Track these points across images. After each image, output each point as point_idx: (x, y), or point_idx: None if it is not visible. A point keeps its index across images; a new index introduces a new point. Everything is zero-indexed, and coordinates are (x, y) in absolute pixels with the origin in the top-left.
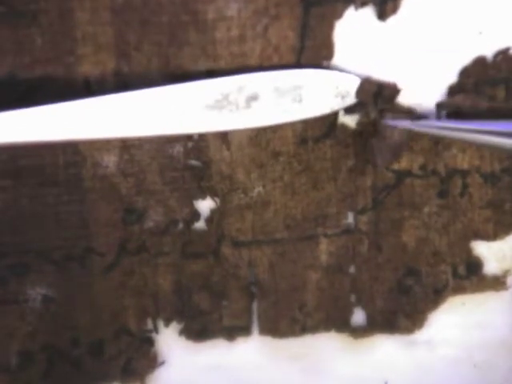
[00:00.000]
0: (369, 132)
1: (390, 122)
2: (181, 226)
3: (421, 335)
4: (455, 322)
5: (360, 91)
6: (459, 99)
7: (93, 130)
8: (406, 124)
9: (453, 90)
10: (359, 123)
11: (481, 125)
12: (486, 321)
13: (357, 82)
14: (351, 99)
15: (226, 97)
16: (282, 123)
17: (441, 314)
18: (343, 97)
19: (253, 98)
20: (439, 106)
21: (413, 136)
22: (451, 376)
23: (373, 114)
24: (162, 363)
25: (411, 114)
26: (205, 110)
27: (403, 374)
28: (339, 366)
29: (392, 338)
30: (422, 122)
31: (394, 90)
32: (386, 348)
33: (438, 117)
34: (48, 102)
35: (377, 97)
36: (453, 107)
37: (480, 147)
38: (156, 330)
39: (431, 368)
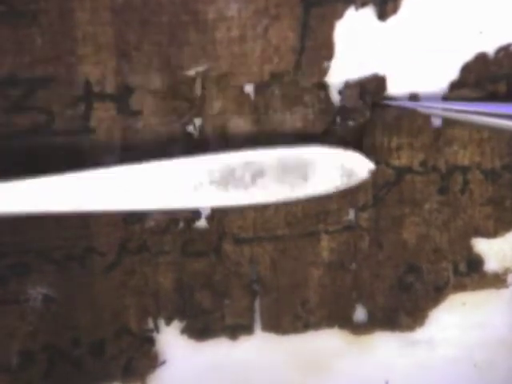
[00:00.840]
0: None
1: (391, 102)
2: (182, 224)
3: (421, 334)
4: (455, 322)
5: (345, 98)
6: (460, 95)
7: (96, 203)
8: (410, 105)
9: (454, 87)
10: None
11: (484, 106)
12: (486, 320)
13: (362, 161)
14: (356, 178)
15: (231, 172)
16: (287, 200)
17: (441, 313)
18: (349, 175)
19: (259, 174)
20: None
21: (413, 133)
22: (451, 375)
23: (367, 113)
24: (163, 363)
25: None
26: (210, 185)
27: (404, 373)
28: (341, 364)
29: (393, 337)
30: (426, 103)
31: (378, 81)
32: (386, 347)
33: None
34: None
35: (364, 95)
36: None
37: (483, 129)
38: (157, 329)
39: (431, 367)
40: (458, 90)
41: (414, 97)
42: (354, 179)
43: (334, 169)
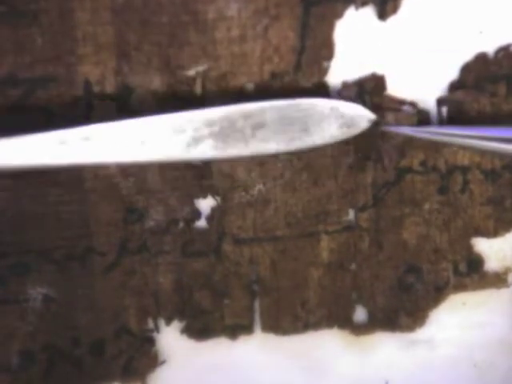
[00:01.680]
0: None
1: (391, 128)
2: (182, 224)
3: (421, 334)
4: (456, 322)
5: (343, 98)
6: (460, 95)
7: (94, 156)
8: (406, 130)
9: (454, 87)
10: None
11: (483, 130)
12: (486, 321)
13: (362, 111)
14: (357, 129)
15: (232, 124)
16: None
17: (441, 313)
18: (349, 126)
19: (259, 126)
20: (440, 101)
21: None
22: (451, 375)
23: None
24: (163, 362)
25: (403, 104)
26: (210, 138)
27: (404, 373)
28: (341, 364)
29: (393, 337)
30: (423, 129)
31: (377, 81)
32: (386, 347)
33: (439, 113)
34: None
35: (362, 95)
36: (453, 103)
37: (482, 153)
38: (157, 329)
39: (432, 367)
40: (458, 90)
41: (402, 102)
42: (355, 129)
43: (334, 119)
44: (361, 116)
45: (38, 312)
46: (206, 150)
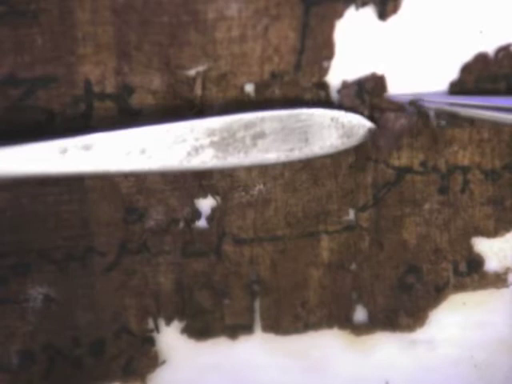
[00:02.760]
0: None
1: (398, 97)
2: (182, 224)
3: (421, 334)
4: (456, 322)
5: (342, 97)
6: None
7: (95, 165)
8: (415, 99)
9: (454, 87)
10: None
11: (488, 100)
12: (486, 320)
13: (361, 121)
14: (356, 139)
15: (232, 134)
16: (288, 159)
17: (442, 313)
18: (348, 136)
19: (259, 136)
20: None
21: (413, 132)
22: (452, 375)
23: (366, 112)
24: (163, 363)
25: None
26: (211, 147)
27: (404, 374)
28: (341, 364)
29: (393, 337)
30: (431, 98)
31: (377, 81)
32: (386, 347)
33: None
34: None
35: (361, 94)
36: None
37: (487, 123)
38: (157, 329)
39: (432, 367)
40: (458, 91)
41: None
42: (354, 139)
43: (333, 130)
44: (360, 126)
45: (38, 312)
46: (206, 160)
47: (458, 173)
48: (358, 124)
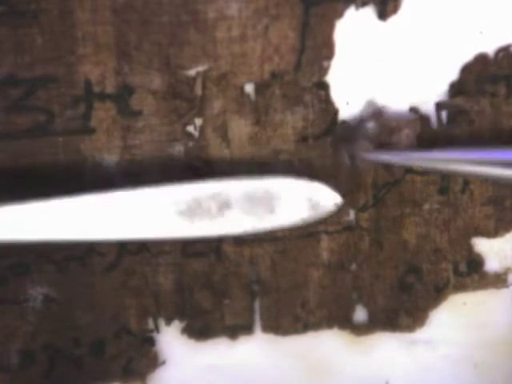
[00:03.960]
0: None
1: (369, 155)
2: None
3: (421, 334)
4: (456, 322)
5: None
6: (460, 100)
7: (58, 232)
8: (387, 157)
9: (454, 88)
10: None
11: (462, 154)
12: (486, 321)
13: (329, 193)
14: (323, 211)
15: (198, 203)
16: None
17: (442, 313)
18: (315, 208)
19: (225, 205)
20: (439, 105)
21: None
22: (452, 376)
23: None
24: (163, 363)
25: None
26: (177, 216)
27: (404, 374)
28: (341, 364)
29: (393, 337)
30: (404, 154)
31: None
32: (386, 347)
33: (438, 117)
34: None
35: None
36: (453, 108)
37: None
38: (157, 329)
39: (432, 367)
40: (457, 92)
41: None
42: (321, 212)
43: (300, 201)
44: (327, 198)
45: (38, 312)
46: (173, 229)
47: None
48: (325, 196)
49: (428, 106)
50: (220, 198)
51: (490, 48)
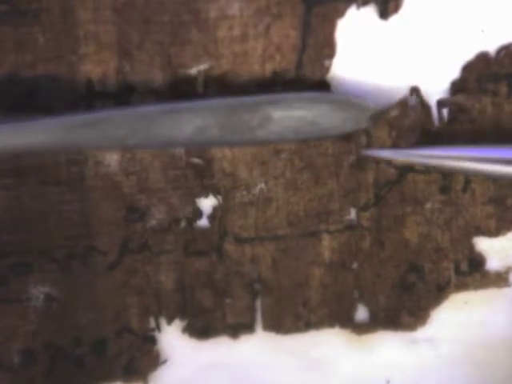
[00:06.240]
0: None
1: (373, 152)
2: (183, 224)
3: (423, 333)
4: (457, 321)
5: None
6: (461, 99)
7: (98, 144)
8: (387, 154)
9: (455, 86)
10: None
11: (463, 151)
12: (488, 320)
13: (368, 109)
14: (363, 124)
15: (239, 116)
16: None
17: (443, 312)
18: (354, 120)
19: (266, 118)
20: (440, 103)
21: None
22: (453, 374)
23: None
24: (165, 361)
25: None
26: (218, 129)
27: (405, 372)
28: (342, 363)
29: (394, 336)
30: (405, 151)
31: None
32: (388, 346)
33: (440, 115)
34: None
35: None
36: (454, 106)
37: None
38: (158, 328)
39: (433, 366)
40: (459, 90)
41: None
42: (360, 125)
43: (339, 113)
44: (365, 109)
45: (40, 311)
46: (211, 139)
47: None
48: (363, 107)
49: (429, 104)
50: (260, 112)
51: (491, 46)
